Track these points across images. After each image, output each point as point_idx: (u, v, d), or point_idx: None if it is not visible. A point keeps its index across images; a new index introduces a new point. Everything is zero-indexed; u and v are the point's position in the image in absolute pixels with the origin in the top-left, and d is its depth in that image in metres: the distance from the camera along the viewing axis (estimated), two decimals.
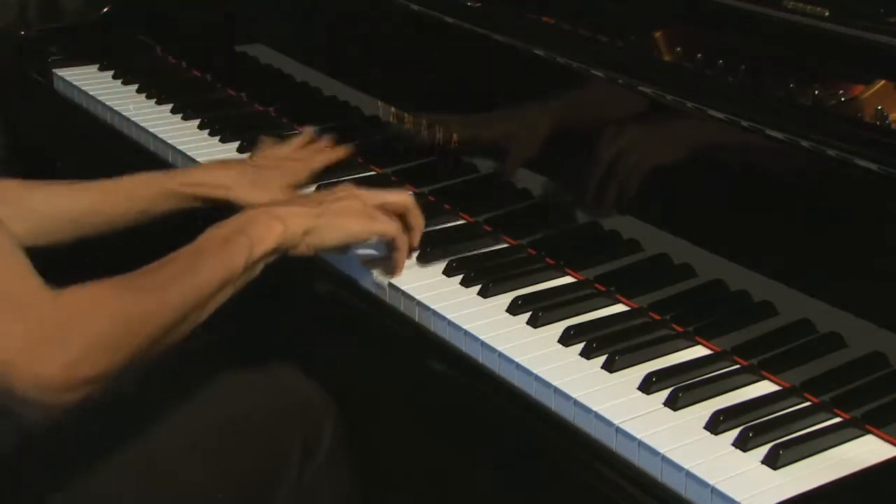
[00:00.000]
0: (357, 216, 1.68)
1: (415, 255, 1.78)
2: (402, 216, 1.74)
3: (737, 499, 1.31)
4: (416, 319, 1.70)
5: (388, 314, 1.75)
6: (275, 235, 1.58)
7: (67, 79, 2.49)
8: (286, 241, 1.60)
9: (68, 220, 1.77)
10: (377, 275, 1.74)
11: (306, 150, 2.04)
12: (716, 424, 1.41)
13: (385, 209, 1.72)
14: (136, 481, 1.63)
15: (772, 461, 1.35)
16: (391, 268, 1.74)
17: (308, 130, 2.10)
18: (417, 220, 1.75)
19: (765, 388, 1.50)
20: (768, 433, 1.39)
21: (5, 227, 1.32)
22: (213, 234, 1.55)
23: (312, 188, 1.99)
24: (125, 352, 1.35)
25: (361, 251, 1.77)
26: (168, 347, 1.44)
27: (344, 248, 1.73)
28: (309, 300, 1.93)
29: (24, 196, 1.76)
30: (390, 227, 1.71)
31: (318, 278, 1.82)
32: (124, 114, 2.32)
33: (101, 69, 2.53)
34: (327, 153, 2.04)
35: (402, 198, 1.75)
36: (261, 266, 1.57)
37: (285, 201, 1.73)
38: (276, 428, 1.77)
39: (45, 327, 1.29)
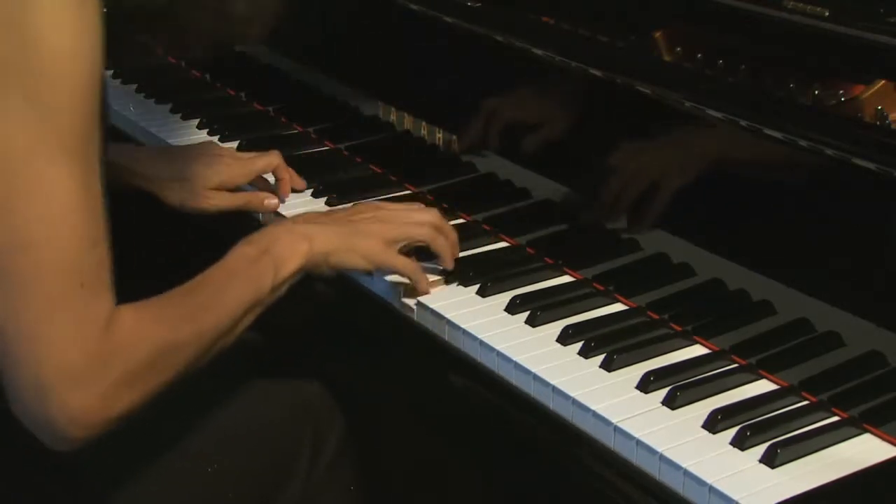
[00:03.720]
0: (381, 244, 1.65)
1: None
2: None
3: (734, 497, 1.30)
4: (415, 319, 1.70)
5: (386, 314, 1.75)
6: (300, 255, 1.55)
7: None
8: (310, 260, 1.57)
9: None
10: (407, 293, 1.71)
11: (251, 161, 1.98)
12: (714, 423, 1.41)
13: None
14: (144, 480, 1.62)
15: (769, 460, 1.35)
16: (414, 292, 1.71)
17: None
18: (441, 250, 1.71)
19: (763, 387, 1.50)
20: (766, 432, 1.39)
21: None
22: (241, 254, 1.51)
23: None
24: (156, 384, 1.34)
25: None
26: (192, 374, 1.42)
27: (366, 272, 1.70)
28: (309, 302, 1.93)
29: None
30: (410, 268, 1.68)
31: (318, 281, 1.82)
32: (123, 114, 2.32)
33: None
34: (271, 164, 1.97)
35: (423, 232, 1.69)
36: (286, 286, 1.54)
37: (312, 217, 1.69)
38: (284, 431, 1.76)
39: (94, 353, 1.26)
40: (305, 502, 1.75)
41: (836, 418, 1.43)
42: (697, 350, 1.57)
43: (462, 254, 1.78)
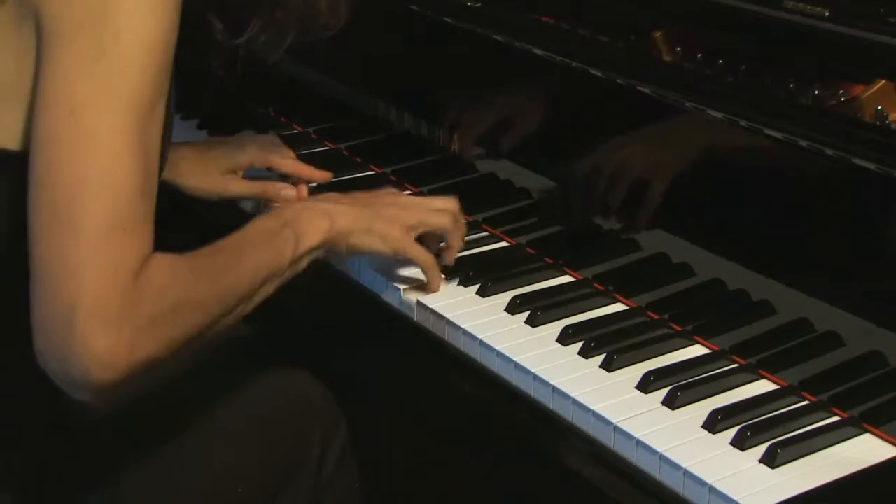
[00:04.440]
0: (401, 230, 1.66)
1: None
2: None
3: (735, 497, 1.31)
4: (415, 319, 1.70)
5: (386, 314, 1.75)
6: (321, 232, 1.56)
7: None
8: (330, 239, 1.58)
9: None
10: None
11: (270, 148, 2.00)
12: (714, 423, 1.41)
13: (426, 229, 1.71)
14: (151, 476, 1.63)
15: (769, 460, 1.36)
16: (425, 288, 1.72)
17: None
18: (455, 241, 1.73)
19: (763, 387, 1.50)
20: (766, 432, 1.39)
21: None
22: (261, 226, 1.53)
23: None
24: (178, 337, 1.35)
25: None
26: (207, 344, 1.43)
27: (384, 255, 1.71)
28: (309, 301, 1.93)
29: None
30: (424, 257, 1.69)
31: (318, 278, 1.82)
32: None
33: None
34: (292, 163, 1.99)
35: (443, 221, 1.71)
36: (306, 262, 1.55)
37: (332, 196, 1.70)
38: (290, 429, 1.76)
39: (127, 293, 1.29)
40: (314, 498, 1.76)
41: (836, 418, 1.43)
42: (697, 350, 1.57)
43: (462, 254, 1.78)
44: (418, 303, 1.69)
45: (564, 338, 1.59)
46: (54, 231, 1.28)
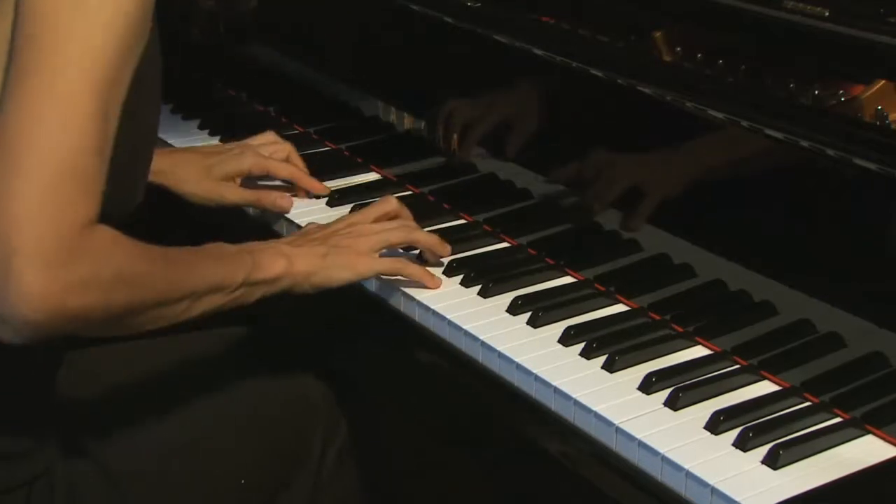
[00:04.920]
0: (363, 255, 1.69)
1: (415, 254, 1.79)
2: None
3: (737, 499, 1.31)
4: (417, 319, 1.70)
5: (386, 314, 1.75)
6: (277, 269, 1.58)
7: None
8: (287, 278, 1.60)
9: None
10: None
11: (271, 151, 2.02)
12: (716, 424, 1.41)
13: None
14: (149, 473, 1.64)
15: (772, 461, 1.36)
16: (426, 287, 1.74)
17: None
18: (423, 242, 1.76)
19: (765, 388, 1.50)
20: (768, 433, 1.39)
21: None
22: (221, 245, 1.56)
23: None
24: (112, 304, 1.35)
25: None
26: (138, 329, 1.44)
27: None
28: (310, 303, 1.93)
29: None
30: (395, 265, 1.72)
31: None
32: None
33: None
34: (291, 169, 2.01)
35: (404, 235, 1.75)
36: (258, 293, 1.57)
37: (290, 239, 1.73)
38: (291, 428, 1.77)
39: (67, 244, 1.29)
40: (314, 498, 1.76)
41: (838, 419, 1.43)
42: (699, 351, 1.57)
43: (463, 254, 1.79)
44: (419, 303, 1.69)
45: (566, 339, 1.59)
46: (3, 165, 1.29)
